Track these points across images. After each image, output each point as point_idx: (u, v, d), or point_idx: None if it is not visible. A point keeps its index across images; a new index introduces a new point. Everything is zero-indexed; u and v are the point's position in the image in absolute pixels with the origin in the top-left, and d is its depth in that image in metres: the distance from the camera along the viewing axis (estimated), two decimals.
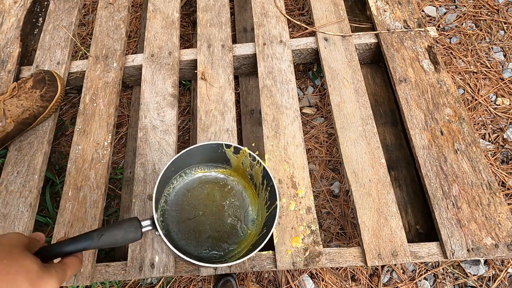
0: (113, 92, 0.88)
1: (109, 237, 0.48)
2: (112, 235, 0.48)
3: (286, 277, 0.93)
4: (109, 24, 0.98)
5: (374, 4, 0.95)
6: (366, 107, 0.81)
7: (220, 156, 0.70)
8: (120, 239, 0.49)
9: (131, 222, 0.51)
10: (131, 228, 0.50)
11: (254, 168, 0.67)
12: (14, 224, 0.73)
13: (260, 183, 0.68)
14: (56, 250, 0.45)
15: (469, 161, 0.73)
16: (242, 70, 1.00)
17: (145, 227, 0.54)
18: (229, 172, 0.72)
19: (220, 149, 0.68)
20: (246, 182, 0.71)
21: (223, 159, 0.71)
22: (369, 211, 0.70)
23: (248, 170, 0.69)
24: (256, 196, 0.70)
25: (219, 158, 0.70)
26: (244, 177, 0.72)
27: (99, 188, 0.76)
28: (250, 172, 0.69)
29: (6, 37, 0.98)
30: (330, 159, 1.07)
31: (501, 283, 0.92)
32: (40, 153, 0.81)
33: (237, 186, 0.72)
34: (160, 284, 0.93)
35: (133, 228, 0.51)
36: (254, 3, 0.98)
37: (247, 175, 0.71)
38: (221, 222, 0.67)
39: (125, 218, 0.55)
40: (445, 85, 0.81)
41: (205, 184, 0.71)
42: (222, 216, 0.68)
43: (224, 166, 0.72)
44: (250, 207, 0.70)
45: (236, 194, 0.71)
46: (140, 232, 0.51)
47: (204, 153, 0.69)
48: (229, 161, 0.71)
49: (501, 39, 1.22)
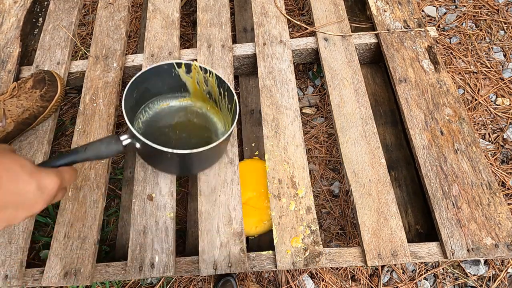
0: (113, 92, 0.88)
1: (93, 150, 0.53)
2: (96, 148, 0.53)
3: (286, 277, 0.93)
4: (109, 24, 0.99)
5: (374, 4, 0.95)
6: (366, 107, 0.81)
7: (176, 82, 0.76)
8: (104, 151, 0.54)
9: (111, 136, 0.57)
10: (111, 141, 0.56)
11: (209, 82, 0.72)
12: (14, 224, 0.73)
13: (218, 95, 0.75)
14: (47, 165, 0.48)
15: (469, 161, 0.73)
16: (242, 70, 1.00)
17: (124, 140, 0.58)
18: (189, 99, 0.80)
19: (173, 71, 0.73)
20: (207, 103, 0.80)
21: (180, 86, 0.77)
22: (369, 211, 0.70)
23: (205, 88, 0.76)
24: (219, 112, 0.79)
25: (177, 87, 0.77)
26: (204, 99, 0.79)
27: (99, 188, 0.76)
28: (207, 89, 0.76)
29: (6, 37, 0.98)
30: (330, 159, 1.07)
31: (501, 283, 0.92)
32: (40, 153, 0.81)
33: (200, 110, 0.80)
34: (160, 284, 0.93)
35: (113, 141, 0.56)
36: (254, 3, 0.98)
37: (206, 96, 0.78)
38: (194, 142, 0.73)
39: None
40: (445, 85, 0.81)
41: (171, 115, 0.78)
42: (194, 138, 0.74)
43: (183, 95, 0.80)
44: (218, 124, 0.78)
45: (201, 117, 0.79)
46: (120, 143, 0.57)
47: (159, 80, 0.74)
48: (186, 86, 0.78)
49: (501, 39, 1.22)
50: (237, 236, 0.70)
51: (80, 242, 0.71)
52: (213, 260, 0.69)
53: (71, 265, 0.69)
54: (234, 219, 0.72)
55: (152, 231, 0.72)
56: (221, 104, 0.76)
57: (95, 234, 0.72)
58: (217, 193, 0.74)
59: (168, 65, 0.71)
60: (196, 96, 0.80)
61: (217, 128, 0.78)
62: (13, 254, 0.71)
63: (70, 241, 0.72)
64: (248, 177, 0.80)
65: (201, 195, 0.74)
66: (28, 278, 0.71)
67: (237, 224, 0.71)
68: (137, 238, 0.72)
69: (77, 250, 0.71)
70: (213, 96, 0.77)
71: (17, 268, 0.70)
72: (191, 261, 0.71)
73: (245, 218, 0.73)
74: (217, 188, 0.75)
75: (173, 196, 0.75)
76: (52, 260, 0.70)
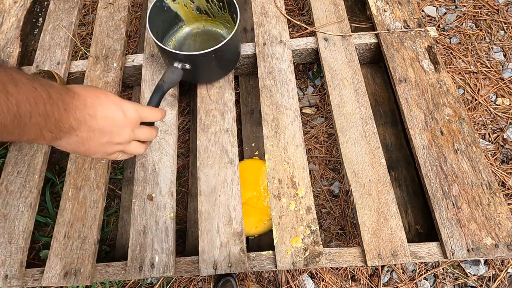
0: (113, 92, 0.88)
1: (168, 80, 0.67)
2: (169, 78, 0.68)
3: (286, 277, 0.93)
4: (109, 24, 0.98)
5: (374, 4, 0.95)
6: (366, 107, 0.81)
7: (171, 16, 0.85)
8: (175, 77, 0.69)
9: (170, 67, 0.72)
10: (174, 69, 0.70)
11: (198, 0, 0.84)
12: (14, 224, 0.73)
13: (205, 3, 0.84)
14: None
15: (469, 161, 0.73)
16: (242, 70, 1.00)
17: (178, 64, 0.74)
18: (187, 26, 0.90)
19: (164, 4, 0.81)
20: (201, 20, 0.90)
21: (175, 19, 0.87)
22: (369, 211, 0.70)
23: (192, 5, 0.85)
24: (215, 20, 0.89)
25: (173, 20, 0.87)
26: (197, 18, 0.89)
27: (99, 188, 0.76)
28: (195, 5, 0.85)
29: (6, 37, 0.98)
30: (330, 159, 1.07)
31: (501, 283, 0.92)
32: (40, 153, 0.81)
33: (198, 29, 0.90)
34: (160, 284, 0.93)
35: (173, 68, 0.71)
36: (254, 3, 0.98)
37: (196, 14, 0.87)
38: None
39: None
40: (445, 85, 0.81)
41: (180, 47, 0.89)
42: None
43: (180, 25, 0.89)
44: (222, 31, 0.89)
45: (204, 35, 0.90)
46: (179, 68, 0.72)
47: (161, 20, 0.83)
48: (179, 16, 0.86)
49: (501, 39, 1.22)
50: (237, 236, 0.70)
51: (80, 242, 0.71)
52: (213, 260, 0.69)
53: (71, 265, 0.69)
54: (234, 219, 0.72)
55: (152, 231, 0.72)
56: (212, 10, 0.85)
57: (95, 234, 0.72)
58: (217, 193, 0.74)
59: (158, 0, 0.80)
60: (189, 20, 0.89)
61: (223, 34, 0.89)
62: (13, 254, 0.71)
63: (70, 241, 0.72)
64: (248, 177, 0.80)
65: (201, 195, 0.74)
66: (28, 278, 0.71)
67: (237, 224, 0.71)
68: (137, 238, 0.72)
69: (77, 250, 0.71)
70: (202, 8, 0.86)
71: (17, 268, 0.70)
72: (191, 261, 0.71)
73: (245, 218, 0.73)
74: (217, 188, 0.75)
75: (173, 196, 0.75)
76: (52, 260, 0.70)
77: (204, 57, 0.75)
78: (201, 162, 0.78)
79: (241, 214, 0.72)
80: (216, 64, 0.80)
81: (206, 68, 0.80)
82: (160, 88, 0.66)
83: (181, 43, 0.89)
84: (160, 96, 0.65)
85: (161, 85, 0.67)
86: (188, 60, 0.75)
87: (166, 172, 0.78)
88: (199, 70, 0.80)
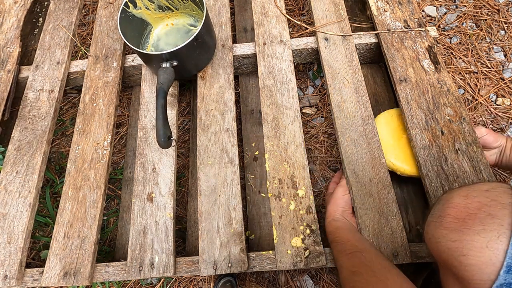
0: (113, 92, 0.88)
1: (165, 80, 0.72)
2: (165, 78, 0.73)
3: (286, 277, 0.93)
4: (109, 24, 0.98)
5: (374, 4, 0.95)
6: (367, 107, 0.81)
7: (139, 23, 0.87)
8: (170, 76, 0.74)
9: (161, 68, 0.76)
10: (166, 70, 0.74)
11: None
12: (13, 224, 0.73)
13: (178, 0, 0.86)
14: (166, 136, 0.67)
15: (470, 161, 0.73)
16: (242, 70, 1.00)
17: (165, 64, 0.77)
18: (155, 28, 0.91)
19: (129, 14, 0.83)
20: (165, 18, 0.91)
21: (142, 25, 0.89)
22: (369, 211, 0.70)
23: (153, 5, 0.86)
24: (180, 14, 0.91)
25: (142, 27, 0.89)
26: (164, 18, 0.91)
27: (99, 188, 0.76)
28: (156, 5, 0.86)
29: (6, 37, 0.98)
30: (330, 159, 1.06)
31: None
32: (40, 153, 0.81)
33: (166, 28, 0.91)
34: (160, 284, 0.93)
35: (165, 68, 0.75)
36: (254, 3, 0.98)
37: (165, 14, 0.89)
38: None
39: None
40: (446, 85, 0.81)
41: (157, 48, 0.90)
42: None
43: (149, 29, 0.91)
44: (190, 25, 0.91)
45: (174, 33, 0.91)
46: (169, 67, 0.76)
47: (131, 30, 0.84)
48: (145, 21, 0.88)
49: (501, 39, 1.22)
50: (237, 236, 0.70)
51: (79, 242, 0.71)
52: (213, 260, 0.68)
53: (70, 265, 0.69)
54: (234, 219, 0.72)
55: (152, 231, 0.72)
56: (173, 3, 0.87)
57: (95, 234, 0.72)
58: (217, 193, 0.74)
59: (122, 10, 0.81)
60: (156, 22, 0.91)
61: (190, 22, 0.91)
62: (12, 254, 0.71)
63: (70, 241, 0.72)
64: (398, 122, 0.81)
65: (201, 195, 0.74)
66: (28, 278, 0.71)
67: (237, 224, 0.71)
68: (137, 238, 0.71)
69: (76, 250, 0.71)
70: (164, 5, 0.87)
71: (17, 268, 0.70)
72: (191, 261, 0.71)
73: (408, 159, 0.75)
74: (217, 188, 0.75)
75: (173, 196, 0.75)
76: (51, 260, 0.70)
77: (187, 48, 0.76)
78: (201, 162, 0.78)
79: (241, 214, 0.72)
80: (200, 51, 0.82)
81: (192, 58, 0.82)
82: (162, 90, 0.68)
83: (156, 46, 0.90)
84: (164, 98, 0.67)
85: (161, 87, 0.69)
86: (173, 56, 0.76)
87: (166, 172, 0.77)
88: (186, 62, 0.81)
